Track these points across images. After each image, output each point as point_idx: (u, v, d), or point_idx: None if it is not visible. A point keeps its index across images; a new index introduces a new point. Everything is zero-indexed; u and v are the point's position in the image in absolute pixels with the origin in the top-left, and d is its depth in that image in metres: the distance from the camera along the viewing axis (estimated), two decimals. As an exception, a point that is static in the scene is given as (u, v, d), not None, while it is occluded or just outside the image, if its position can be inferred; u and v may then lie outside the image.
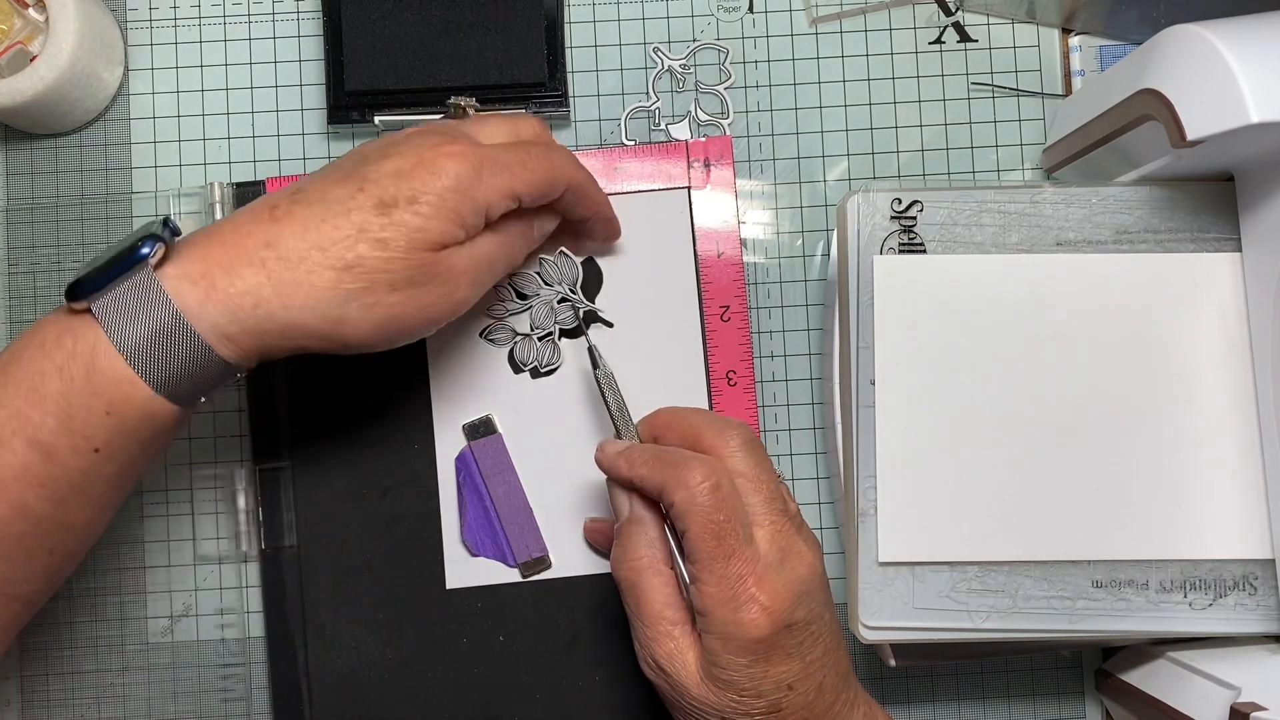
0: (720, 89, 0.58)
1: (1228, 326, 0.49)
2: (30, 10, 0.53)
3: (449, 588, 0.54)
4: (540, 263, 0.54)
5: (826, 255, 0.57)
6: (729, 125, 0.57)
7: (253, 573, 0.56)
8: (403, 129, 0.56)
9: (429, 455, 0.55)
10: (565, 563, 0.55)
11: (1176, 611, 0.49)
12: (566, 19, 0.57)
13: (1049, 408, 0.49)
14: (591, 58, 0.58)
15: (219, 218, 0.54)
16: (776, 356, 0.57)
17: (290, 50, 0.58)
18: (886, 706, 0.52)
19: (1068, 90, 0.57)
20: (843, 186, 0.57)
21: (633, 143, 0.57)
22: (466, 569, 0.55)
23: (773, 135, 0.57)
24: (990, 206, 0.50)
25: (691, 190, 0.56)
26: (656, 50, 0.58)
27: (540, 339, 0.55)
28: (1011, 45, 0.58)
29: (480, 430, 0.55)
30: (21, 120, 0.55)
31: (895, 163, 0.57)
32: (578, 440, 0.55)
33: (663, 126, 0.57)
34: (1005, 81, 0.58)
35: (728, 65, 0.58)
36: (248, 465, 0.56)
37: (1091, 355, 0.50)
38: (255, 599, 0.55)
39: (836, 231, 0.52)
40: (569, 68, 0.57)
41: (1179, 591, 0.49)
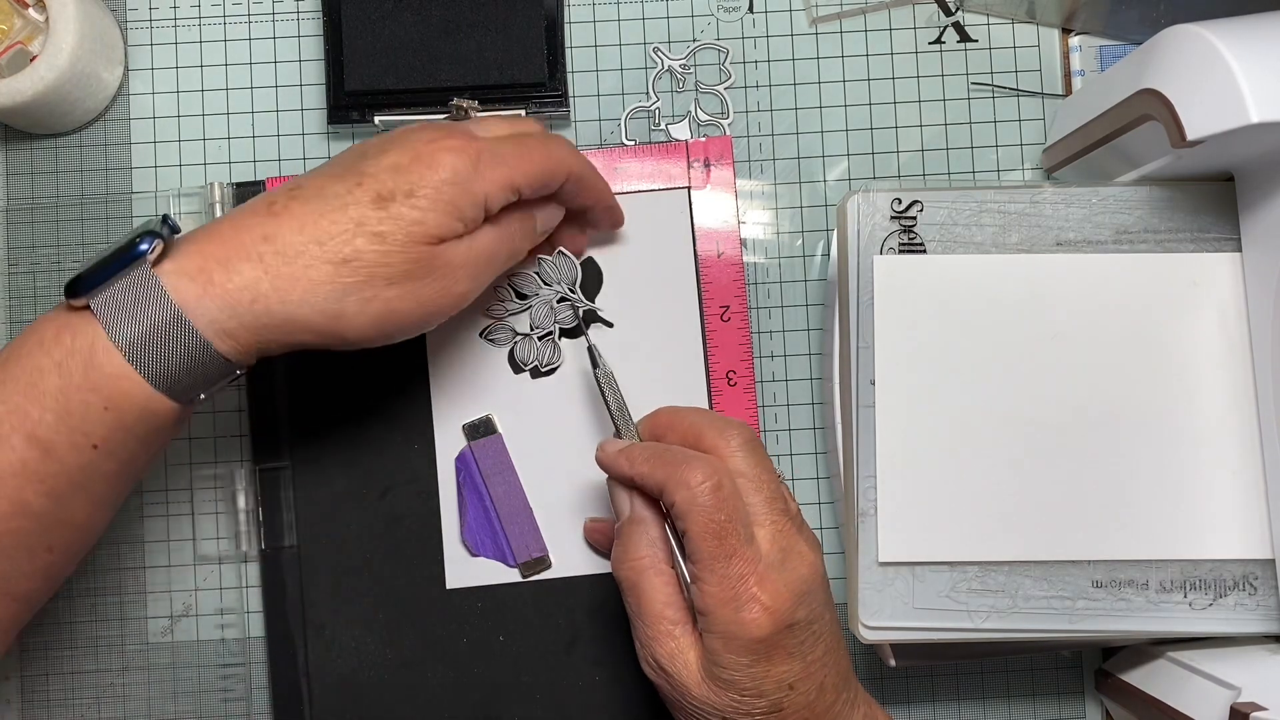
0: (720, 89, 0.58)
1: (1228, 326, 0.49)
2: (30, 10, 0.53)
3: (449, 588, 0.54)
4: (539, 262, 0.54)
5: (826, 255, 0.57)
6: (729, 125, 0.57)
7: (253, 573, 0.56)
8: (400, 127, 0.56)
9: (429, 455, 0.55)
10: (565, 563, 0.55)
11: (1176, 611, 0.49)
12: (566, 19, 0.57)
13: (1049, 408, 0.49)
14: (591, 58, 0.58)
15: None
16: (776, 356, 0.57)
17: (290, 50, 0.58)
18: (886, 706, 0.52)
19: (1068, 90, 0.57)
20: (843, 186, 0.57)
21: (633, 143, 0.57)
22: (466, 569, 0.55)
23: (773, 135, 0.57)
24: (990, 206, 0.50)
25: (691, 190, 0.56)
26: (656, 50, 0.58)
27: (540, 339, 0.55)
28: (1011, 45, 0.58)
29: (480, 430, 0.55)
30: (21, 120, 0.55)
31: (895, 163, 0.57)
32: (578, 440, 0.55)
33: (663, 126, 0.57)
34: (1005, 81, 0.58)
35: (728, 65, 0.58)
36: (248, 465, 0.56)
37: (1091, 355, 0.50)
38: (255, 599, 0.55)
39: (836, 231, 0.52)
40: (569, 68, 0.57)
41: (1179, 591, 0.49)
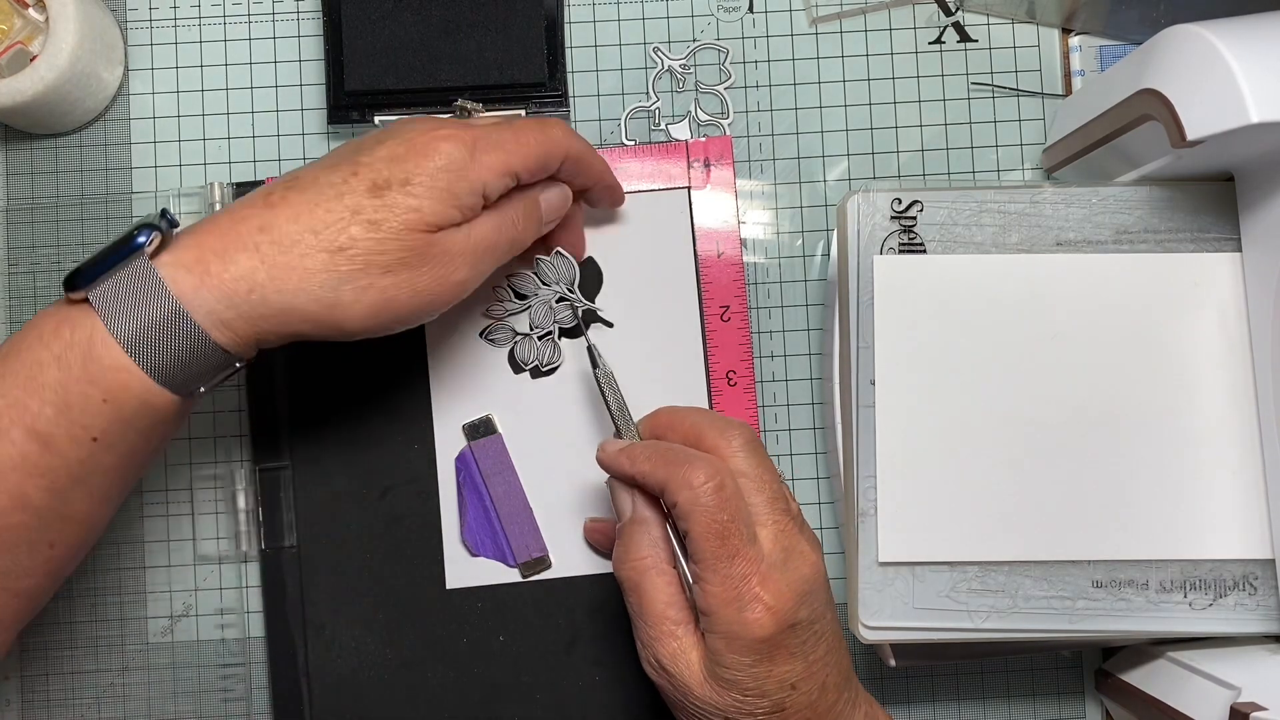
0: (720, 89, 0.58)
1: (1228, 326, 0.49)
2: (30, 10, 0.53)
3: (449, 588, 0.54)
4: (537, 263, 0.54)
5: (826, 255, 0.57)
6: (729, 125, 0.57)
7: (253, 573, 0.55)
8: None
9: (429, 455, 0.55)
10: (565, 563, 0.55)
11: (1176, 611, 0.49)
12: (566, 19, 0.57)
13: (1049, 408, 0.49)
14: (591, 58, 0.58)
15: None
16: (776, 356, 0.57)
17: (290, 50, 0.58)
18: (886, 706, 0.52)
19: (1068, 90, 0.57)
20: (843, 186, 0.57)
21: (633, 143, 0.57)
22: (466, 569, 0.55)
23: (773, 135, 0.57)
24: (990, 206, 0.50)
25: (691, 190, 0.56)
26: (656, 50, 0.58)
27: (540, 339, 0.55)
28: (1011, 45, 0.58)
29: (480, 430, 0.55)
30: (21, 120, 0.55)
31: (895, 163, 0.57)
32: (578, 440, 0.55)
33: (663, 126, 0.57)
34: (1005, 81, 0.58)
35: (728, 65, 0.58)
36: (248, 465, 0.56)
37: (1091, 355, 0.50)
38: (255, 599, 0.55)
39: (836, 231, 0.52)
40: (569, 68, 0.57)
41: (1179, 591, 0.49)
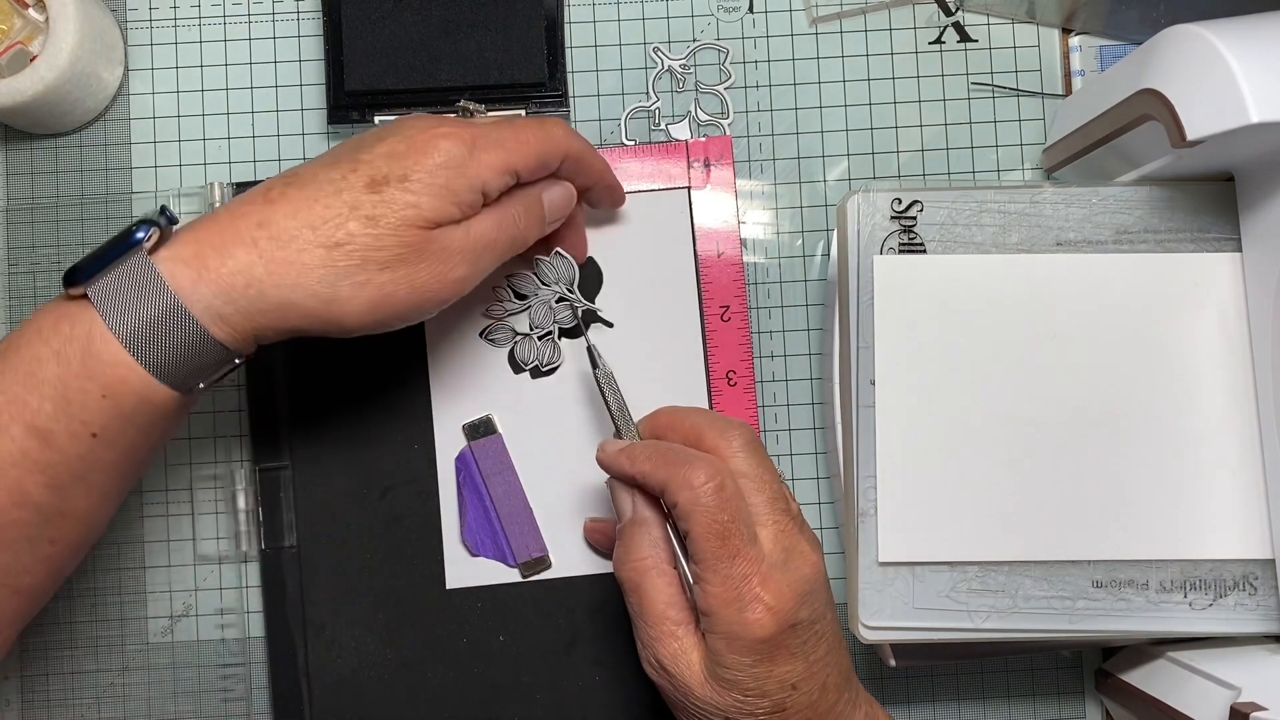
0: (720, 89, 0.58)
1: (1228, 326, 0.49)
2: (30, 10, 0.53)
3: (449, 588, 0.54)
4: (536, 263, 0.54)
5: (826, 255, 0.57)
6: (729, 125, 0.57)
7: (253, 573, 0.55)
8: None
9: (429, 455, 0.55)
10: (565, 563, 0.55)
11: (1176, 611, 0.49)
12: (566, 19, 0.57)
13: (1049, 408, 0.49)
14: (591, 58, 0.58)
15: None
16: (776, 356, 0.57)
17: (290, 50, 0.58)
18: (886, 706, 0.52)
19: (1068, 90, 0.57)
20: (843, 186, 0.57)
21: (633, 143, 0.57)
22: (466, 569, 0.55)
23: (773, 135, 0.57)
24: (990, 206, 0.50)
25: (691, 190, 0.56)
26: (656, 50, 0.58)
27: (540, 339, 0.55)
28: (1011, 45, 0.58)
29: (480, 430, 0.55)
30: (21, 120, 0.55)
31: (895, 163, 0.57)
32: (578, 440, 0.55)
33: (663, 126, 0.57)
34: (1005, 81, 0.58)
35: (728, 65, 0.57)
36: (248, 465, 0.56)
37: (1091, 355, 0.50)
38: (255, 599, 0.55)
39: (836, 231, 0.52)
40: (569, 68, 0.57)
41: (1179, 591, 0.49)
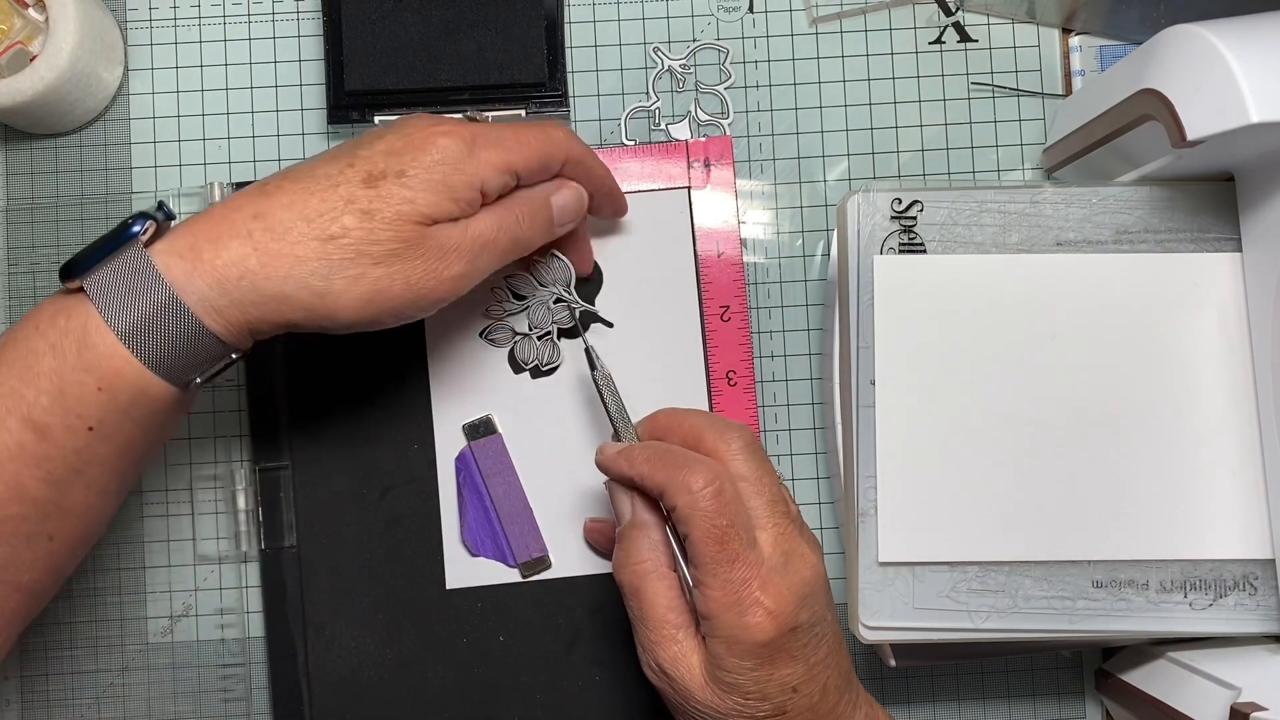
0: (720, 89, 0.57)
1: (1228, 326, 0.49)
2: (30, 10, 0.53)
3: (449, 588, 0.54)
4: (532, 264, 0.54)
5: (826, 255, 0.57)
6: (729, 125, 0.57)
7: (253, 573, 0.55)
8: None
9: (429, 455, 0.55)
10: (565, 563, 0.55)
11: (1176, 611, 0.49)
12: (566, 19, 0.57)
13: (1049, 408, 0.49)
14: (591, 58, 0.58)
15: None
16: (776, 356, 0.57)
17: (290, 50, 0.58)
18: (886, 706, 0.52)
19: (1068, 90, 0.57)
20: (843, 186, 0.57)
21: (633, 143, 0.57)
22: (466, 569, 0.55)
23: (773, 135, 0.57)
24: (990, 206, 0.50)
25: (691, 190, 0.56)
26: (656, 50, 0.58)
27: (539, 339, 0.55)
28: (1011, 45, 0.58)
29: (480, 430, 0.55)
30: (21, 120, 0.55)
31: (895, 163, 0.57)
32: (578, 440, 0.55)
33: (663, 126, 0.57)
34: (1005, 81, 0.58)
35: (728, 65, 0.57)
36: (248, 465, 0.56)
37: (1091, 355, 0.50)
38: (255, 599, 0.55)
39: (836, 231, 0.52)
40: (569, 68, 0.57)
41: (1179, 591, 0.49)
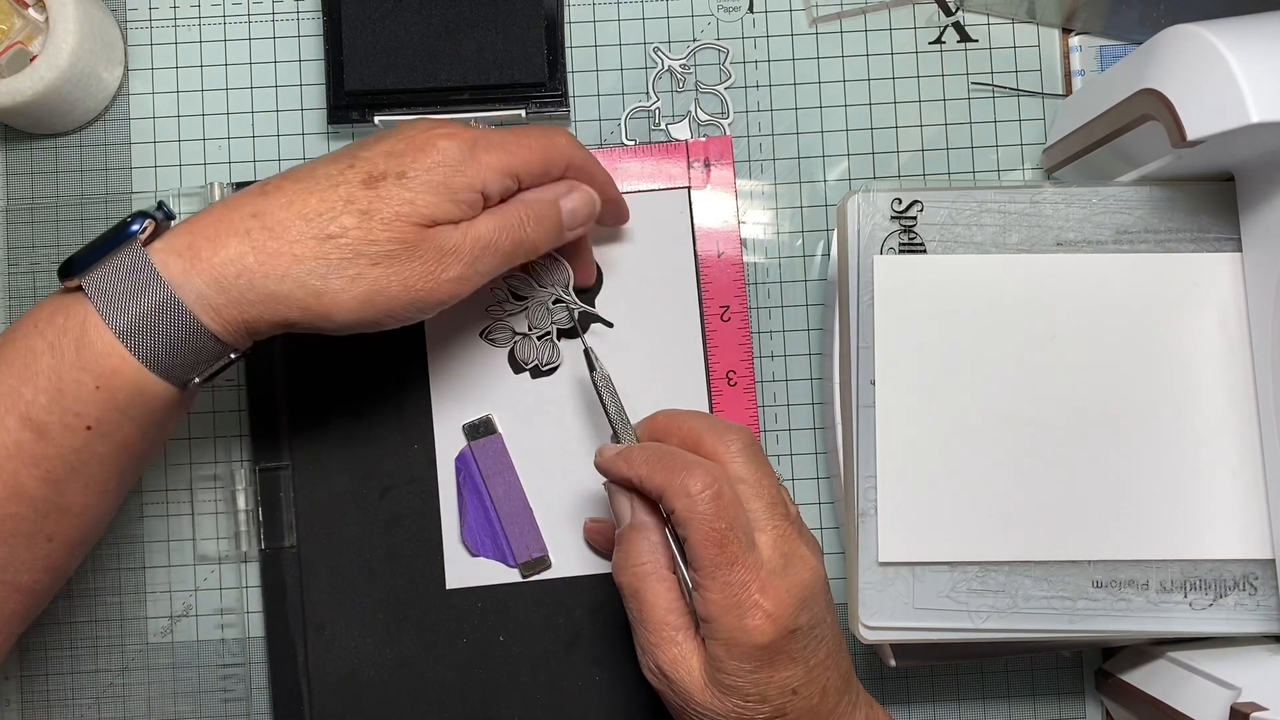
0: (720, 89, 0.57)
1: (1228, 326, 0.49)
2: (30, 10, 0.53)
3: (449, 588, 0.54)
4: (531, 264, 0.54)
5: (826, 255, 0.57)
6: (729, 125, 0.57)
7: (253, 573, 0.56)
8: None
9: (429, 455, 0.55)
10: (565, 563, 0.55)
11: (1177, 612, 0.49)
12: (566, 19, 0.57)
13: (1049, 408, 0.49)
14: (591, 58, 0.58)
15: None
16: (776, 356, 0.57)
17: (290, 50, 0.58)
18: (886, 706, 0.52)
19: (1068, 90, 0.57)
20: (843, 186, 0.57)
21: (633, 143, 0.57)
22: (466, 569, 0.55)
23: (773, 135, 0.57)
24: (990, 206, 0.50)
25: (691, 190, 0.56)
26: (656, 50, 0.58)
27: (539, 339, 0.55)
28: (1011, 45, 0.58)
29: (480, 430, 0.55)
30: (21, 120, 0.55)
31: (895, 163, 0.57)
32: (578, 440, 0.55)
33: (663, 126, 0.57)
34: (1005, 81, 0.58)
35: (728, 65, 0.57)
36: (248, 465, 0.56)
37: (1091, 355, 0.50)
38: (255, 599, 0.55)
39: (836, 231, 0.52)
40: (569, 68, 0.57)
41: (1179, 591, 0.49)
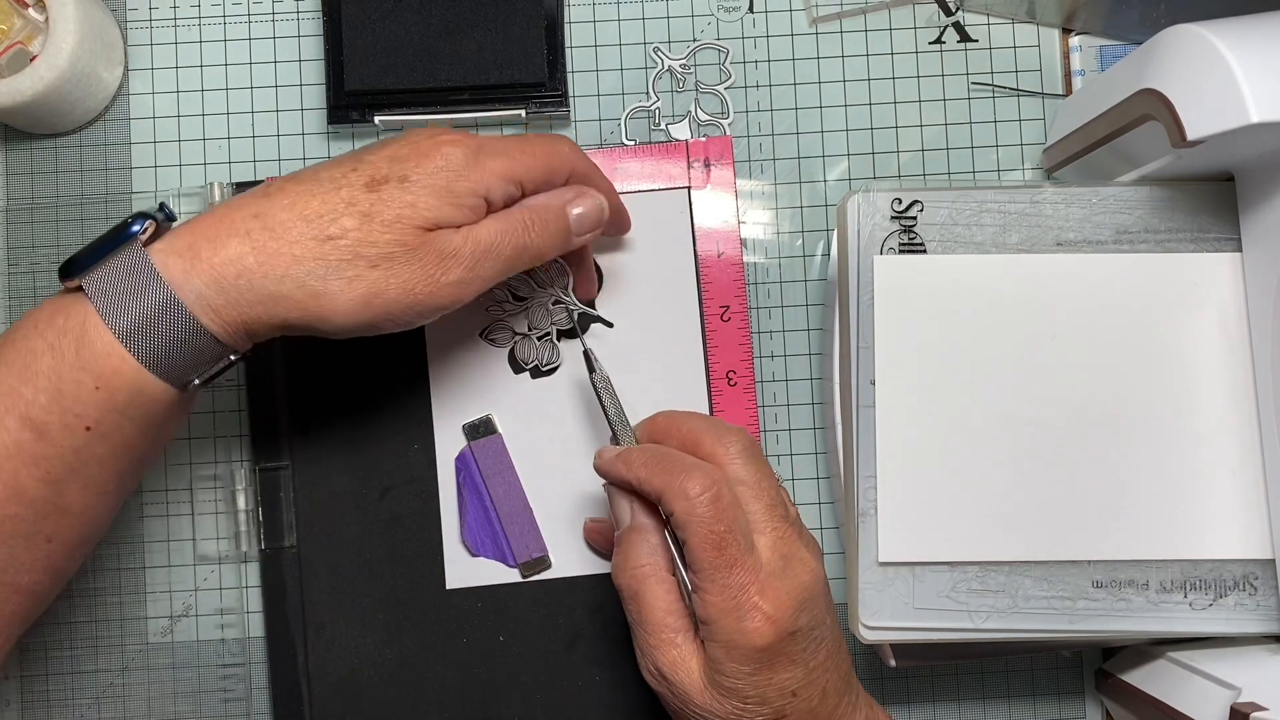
0: (720, 89, 0.57)
1: (1228, 326, 0.49)
2: (30, 10, 0.53)
3: (449, 588, 0.54)
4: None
5: (826, 255, 0.57)
6: (729, 125, 0.57)
7: (253, 573, 0.56)
8: (403, 129, 0.56)
9: (429, 455, 0.55)
10: (565, 563, 0.55)
11: (1177, 612, 0.49)
12: (566, 19, 0.57)
13: (1049, 408, 0.49)
14: (591, 58, 0.58)
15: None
16: (776, 356, 0.57)
17: (290, 50, 0.58)
18: (886, 706, 0.52)
19: (1068, 90, 0.57)
20: (843, 186, 0.57)
21: (633, 143, 0.57)
22: (466, 569, 0.55)
23: (773, 135, 0.57)
24: (990, 206, 0.50)
25: (691, 190, 0.56)
26: (656, 50, 0.58)
27: (539, 339, 0.55)
28: (1011, 45, 0.58)
29: (480, 430, 0.55)
30: (21, 120, 0.55)
31: (895, 163, 0.57)
32: (578, 440, 0.55)
33: (663, 126, 0.57)
34: (1005, 81, 0.58)
35: (728, 65, 0.57)
36: (248, 465, 0.56)
37: (1091, 355, 0.50)
38: (255, 599, 0.55)
39: (836, 231, 0.52)
40: (569, 68, 0.57)
41: (1179, 592, 0.49)
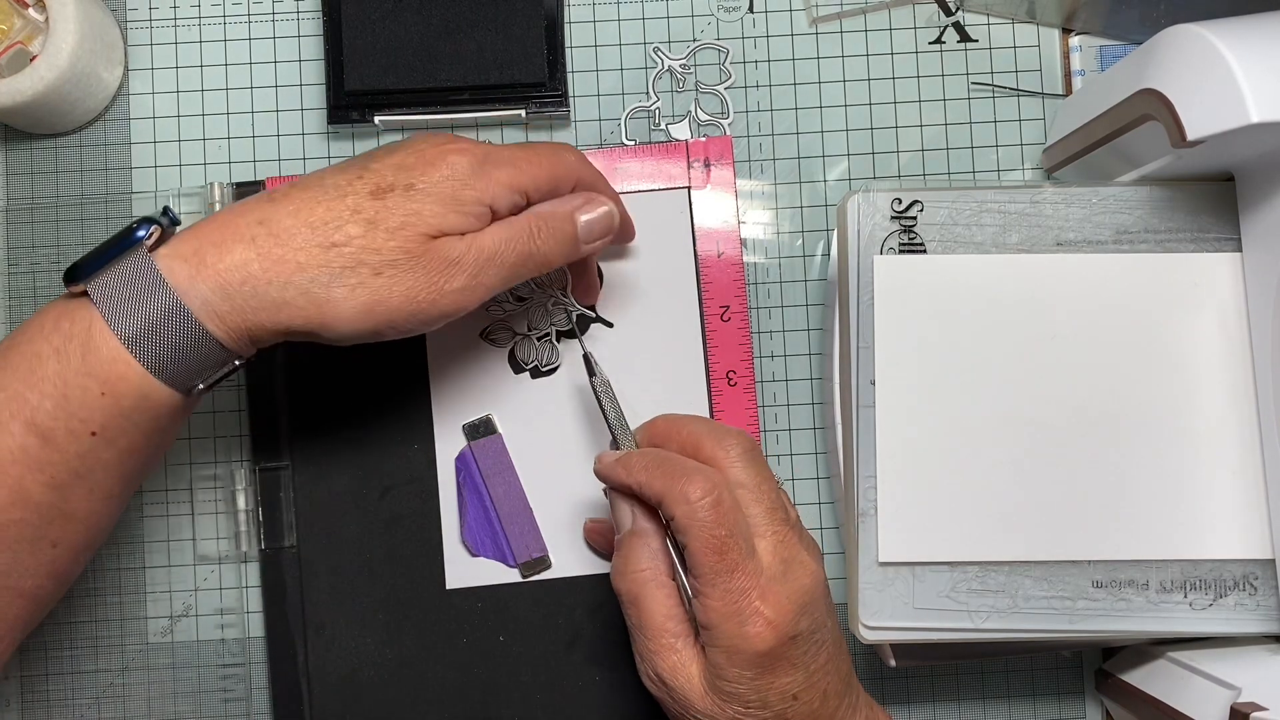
0: (720, 89, 0.57)
1: (1228, 326, 0.49)
2: (30, 10, 0.53)
3: (449, 588, 0.54)
4: None
5: (826, 255, 0.57)
6: (729, 125, 0.57)
7: (253, 573, 0.56)
8: (404, 131, 0.56)
9: (429, 455, 0.55)
10: (565, 563, 0.55)
11: (1177, 612, 0.49)
12: (566, 19, 0.57)
13: (1049, 408, 0.49)
14: (591, 58, 0.58)
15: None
16: (776, 356, 0.57)
17: (290, 50, 0.58)
18: (887, 706, 0.52)
19: (1068, 90, 0.57)
20: (843, 186, 0.57)
21: (633, 143, 0.57)
22: (466, 569, 0.55)
23: (773, 135, 0.57)
24: (990, 206, 0.50)
25: (691, 190, 0.56)
26: (656, 50, 0.58)
27: (539, 339, 0.55)
28: (1011, 45, 0.58)
29: (480, 430, 0.55)
30: (21, 120, 0.55)
31: (895, 163, 0.57)
32: (578, 441, 0.55)
33: (663, 126, 0.57)
34: (1005, 81, 0.58)
35: (728, 65, 0.57)
36: (248, 465, 0.56)
37: (1091, 355, 0.50)
38: (255, 599, 0.55)
39: (836, 231, 0.52)
40: (569, 68, 0.57)
41: (1179, 592, 0.49)
